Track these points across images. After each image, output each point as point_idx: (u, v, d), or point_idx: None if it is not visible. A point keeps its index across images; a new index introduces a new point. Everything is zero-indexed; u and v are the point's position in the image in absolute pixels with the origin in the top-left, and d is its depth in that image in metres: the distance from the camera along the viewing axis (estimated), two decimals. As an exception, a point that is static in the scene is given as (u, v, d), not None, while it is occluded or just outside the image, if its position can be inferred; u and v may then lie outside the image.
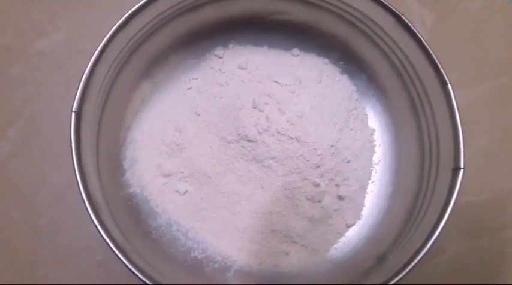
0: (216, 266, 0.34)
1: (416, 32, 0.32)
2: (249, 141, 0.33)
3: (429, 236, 0.29)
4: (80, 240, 0.35)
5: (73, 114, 0.27)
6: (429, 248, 0.28)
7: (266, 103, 0.34)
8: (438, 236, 0.28)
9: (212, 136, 0.34)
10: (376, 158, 0.37)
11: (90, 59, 0.29)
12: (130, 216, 0.33)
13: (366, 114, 0.38)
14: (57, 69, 0.38)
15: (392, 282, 0.28)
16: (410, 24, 0.32)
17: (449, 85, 0.31)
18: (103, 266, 0.34)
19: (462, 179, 0.29)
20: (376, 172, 0.37)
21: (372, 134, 0.37)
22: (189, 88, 0.37)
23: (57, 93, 0.38)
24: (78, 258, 0.35)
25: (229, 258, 0.34)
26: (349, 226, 0.35)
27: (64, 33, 0.39)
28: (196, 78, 0.37)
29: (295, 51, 0.38)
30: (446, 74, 0.31)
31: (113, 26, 0.30)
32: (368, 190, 0.36)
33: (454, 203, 0.29)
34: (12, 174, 0.36)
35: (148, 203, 0.34)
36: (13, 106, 0.38)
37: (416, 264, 0.28)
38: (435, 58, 0.32)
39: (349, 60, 0.38)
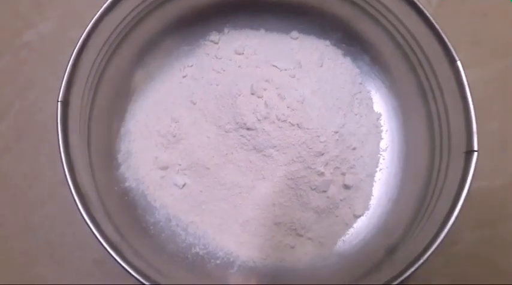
0: (218, 262, 0.33)
1: (422, 8, 0.31)
2: (248, 129, 0.32)
3: (442, 225, 0.27)
4: (75, 238, 0.34)
5: (59, 103, 0.26)
6: (442, 239, 0.27)
7: (265, 89, 0.32)
8: (452, 225, 0.27)
9: (209, 126, 0.33)
10: (383, 144, 0.36)
11: (76, 45, 0.27)
12: (126, 212, 0.32)
13: (371, 98, 0.37)
14: (47, 60, 0.37)
15: (404, 276, 0.26)
16: (415, 0, 0.30)
17: (458, 62, 0.30)
18: (100, 264, 0.33)
19: (476, 162, 0.28)
20: (383, 158, 0.35)
21: (378, 119, 0.36)
22: (184, 76, 0.36)
23: (48, 86, 0.37)
24: (74, 257, 0.34)
25: (232, 254, 0.33)
26: (357, 217, 0.34)
27: (53, 23, 0.38)
28: (191, 65, 0.36)
29: (294, 33, 0.37)
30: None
31: (99, 10, 0.28)
32: (376, 178, 0.35)
33: (468, 189, 0.27)
34: (4, 171, 0.35)
35: (145, 197, 0.33)
36: (2, 101, 0.37)
37: (429, 256, 0.26)
38: (443, 34, 0.30)
39: (351, 41, 0.37)
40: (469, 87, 0.29)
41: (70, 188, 0.25)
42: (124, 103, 0.34)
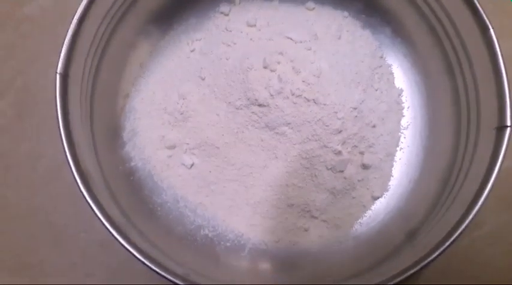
0: (228, 244, 0.32)
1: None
2: (260, 105, 0.30)
3: (469, 209, 0.26)
4: (79, 219, 0.33)
5: (58, 75, 0.24)
6: (468, 223, 0.25)
7: (278, 62, 0.31)
8: (480, 208, 0.25)
9: (219, 102, 0.32)
10: (404, 122, 0.34)
11: (75, 14, 0.25)
12: (132, 192, 0.31)
13: (392, 73, 0.35)
14: (48, 34, 0.36)
15: (425, 262, 0.25)
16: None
17: (491, 30, 0.28)
18: (105, 246, 0.32)
19: (508, 139, 0.26)
20: (405, 137, 0.34)
21: (399, 95, 0.34)
22: (192, 51, 0.34)
23: (50, 61, 0.34)
24: (79, 239, 0.33)
25: (243, 236, 0.32)
26: (375, 198, 0.33)
27: None
28: (200, 39, 0.35)
29: (310, 4, 0.35)
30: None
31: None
32: (396, 158, 0.33)
33: (499, 169, 0.25)
34: (5, 151, 0.34)
35: (152, 177, 0.32)
36: (2, 78, 0.35)
37: (453, 241, 0.25)
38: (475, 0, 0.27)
39: (371, 12, 0.35)
40: (502, 57, 0.27)
41: (70, 166, 0.24)
42: (129, 78, 0.33)
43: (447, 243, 0.25)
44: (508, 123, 0.26)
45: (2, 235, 0.33)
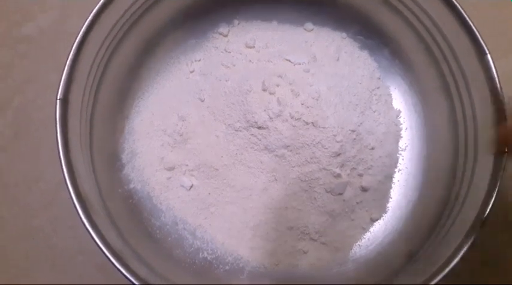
0: (227, 267, 0.31)
1: (448, -5, 0.28)
2: (259, 128, 0.30)
3: (470, 231, 0.26)
4: (76, 242, 0.32)
5: (58, 101, 0.24)
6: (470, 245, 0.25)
7: (277, 85, 0.31)
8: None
9: (218, 124, 0.32)
10: (402, 143, 0.34)
11: (76, 38, 0.25)
12: (131, 215, 0.31)
13: (390, 94, 0.35)
14: (46, 54, 0.36)
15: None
16: (439, -13, 0.28)
17: (488, 55, 0.28)
18: (103, 269, 0.32)
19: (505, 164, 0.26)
20: (403, 159, 0.34)
21: (397, 116, 0.34)
22: (191, 72, 0.35)
23: (48, 81, 0.35)
24: (76, 262, 0.32)
25: (242, 259, 0.31)
26: (374, 220, 0.33)
27: (53, 15, 0.37)
28: (199, 60, 0.35)
29: (309, 25, 0.35)
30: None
31: (100, 1, 0.26)
32: (394, 180, 0.34)
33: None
34: (2, 172, 0.34)
35: (151, 199, 0.32)
36: (0, 98, 0.35)
37: (455, 265, 0.25)
38: (471, 24, 0.28)
39: (369, 34, 0.35)
40: (499, 82, 0.27)
41: (70, 193, 0.23)
42: (128, 100, 0.33)
43: (449, 267, 0.25)
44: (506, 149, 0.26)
45: None
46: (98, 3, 0.27)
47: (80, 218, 0.23)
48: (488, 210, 0.26)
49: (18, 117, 0.35)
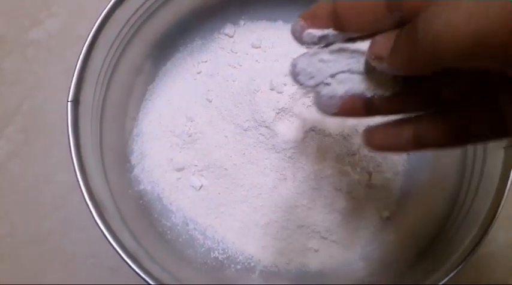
0: (238, 267, 0.31)
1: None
2: (267, 127, 0.30)
3: (481, 229, 0.26)
4: (88, 244, 0.33)
5: (69, 103, 0.25)
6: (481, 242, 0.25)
7: (285, 84, 0.31)
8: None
9: (226, 124, 0.32)
10: None
11: (85, 41, 0.26)
12: (141, 216, 0.31)
13: None
14: (55, 58, 0.36)
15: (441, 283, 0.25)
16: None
17: None
18: (115, 271, 0.32)
19: None
20: (410, 155, 0.34)
21: None
22: (198, 73, 0.35)
23: (57, 85, 0.36)
24: (88, 265, 0.33)
25: (253, 258, 0.31)
26: (383, 218, 0.33)
27: (60, 19, 0.37)
28: (206, 61, 0.35)
29: None
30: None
31: (109, 4, 0.27)
32: (403, 177, 0.33)
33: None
34: (13, 175, 0.34)
35: (161, 200, 0.32)
36: (10, 103, 0.36)
37: (465, 264, 0.25)
38: None
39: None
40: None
41: (83, 195, 0.24)
42: (136, 101, 0.33)
43: (461, 265, 0.25)
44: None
45: (11, 259, 0.33)
46: (106, 6, 0.27)
47: (94, 219, 0.24)
48: (500, 208, 0.25)
49: (28, 122, 0.35)
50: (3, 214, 0.33)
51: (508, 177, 0.26)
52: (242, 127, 0.31)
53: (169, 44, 0.34)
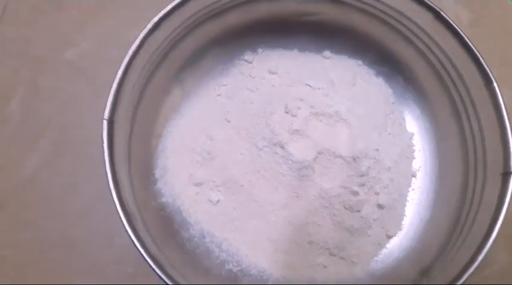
0: (251, 279, 0.32)
1: (457, 28, 0.31)
2: (282, 147, 0.32)
3: (479, 248, 0.27)
4: (111, 252, 0.34)
5: (105, 121, 0.27)
6: (479, 263, 0.26)
7: (299, 108, 0.33)
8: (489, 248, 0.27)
9: (243, 143, 0.34)
10: (416, 164, 0.36)
11: (121, 65, 0.28)
12: (163, 226, 0.33)
13: (404, 118, 0.37)
14: (86, 78, 0.38)
15: None
16: (450, 20, 0.31)
17: (494, 84, 0.30)
18: (135, 278, 0.34)
19: None
20: (416, 178, 0.35)
21: (410, 138, 0.36)
22: (218, 95, 0.37)
23: (87, 103, 0.38)
24: (110, 270, 0.34)
25: (265, 272, 0.32)
26: (389, 237, 0.34)
27: (93, 42, 0.40)
28: (226, 84, 0.37)
29: (327, 53, 0.37)
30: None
31: (142, 31, 0.29)
32: (408, 198, 0.35)
33: (506, 211, 0.27)
34: (43, 185, 0.36)
35: (181, 213, 0.33)
36: (43, 117, 0.38)
37: (465, 280, 0.26)
38: (478, 54, 0.30)
39: (384, 62, 0.37)
40: (505, 108, 0.29)
41: (116, 205, 0.26)
42: (162, 120, 0.35)
43: (460, 282, 0.26)
44: (512, 170, 0.28)
45: (37, 264, 0.34)
46: (140, 34, 0.30)
47: (125, 228, 0.25)
48: (497, 229, 0.27)
49: (59, 136, 0.37)
50: (33, 219, 0.35)
51: (504, 201, 0.27)
52: (258, 146, 0.33)
53: (193, 68, 0.36)
